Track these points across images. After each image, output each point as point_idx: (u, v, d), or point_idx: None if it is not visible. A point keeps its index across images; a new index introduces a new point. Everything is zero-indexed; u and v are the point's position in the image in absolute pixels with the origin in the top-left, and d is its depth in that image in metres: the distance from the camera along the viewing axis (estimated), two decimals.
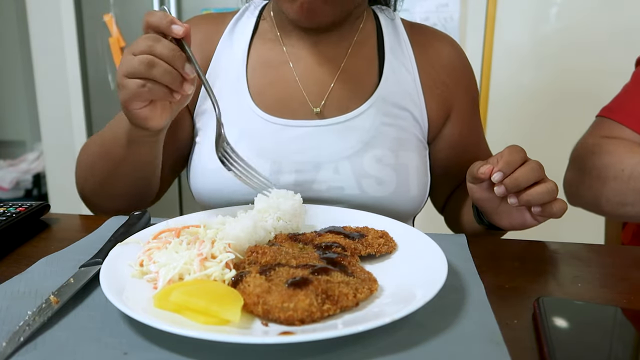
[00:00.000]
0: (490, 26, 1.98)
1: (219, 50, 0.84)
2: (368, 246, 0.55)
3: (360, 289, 0.45)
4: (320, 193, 0.76)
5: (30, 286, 0.52)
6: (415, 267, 0.52)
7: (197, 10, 2.26)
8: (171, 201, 2.47)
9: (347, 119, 0.77)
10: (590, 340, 0.42)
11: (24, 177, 3.08)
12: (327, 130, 0.77)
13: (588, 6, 1.89)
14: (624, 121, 0.84)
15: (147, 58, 0.58)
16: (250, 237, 0.55)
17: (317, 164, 0.76)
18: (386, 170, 0.76)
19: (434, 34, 0.86)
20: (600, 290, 0.54)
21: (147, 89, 0.59)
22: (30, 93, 2.90)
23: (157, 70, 0.58)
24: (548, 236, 0.69)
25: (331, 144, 0.76)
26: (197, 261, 0.48)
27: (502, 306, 0.48)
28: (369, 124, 0.77)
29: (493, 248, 0.65)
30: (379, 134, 0.77)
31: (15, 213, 0.69)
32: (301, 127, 0.77)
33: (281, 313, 0.41)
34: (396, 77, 0.80)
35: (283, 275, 0.46)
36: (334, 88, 0.79)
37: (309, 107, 0.78)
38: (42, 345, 0.41)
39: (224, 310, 0.41)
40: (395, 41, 0.83)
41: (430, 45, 0.83)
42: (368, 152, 0.76)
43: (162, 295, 0.44)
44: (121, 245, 0.56)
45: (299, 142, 0.77)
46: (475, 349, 0.40)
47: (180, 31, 0.60)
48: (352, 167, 0.75)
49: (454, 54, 0.84)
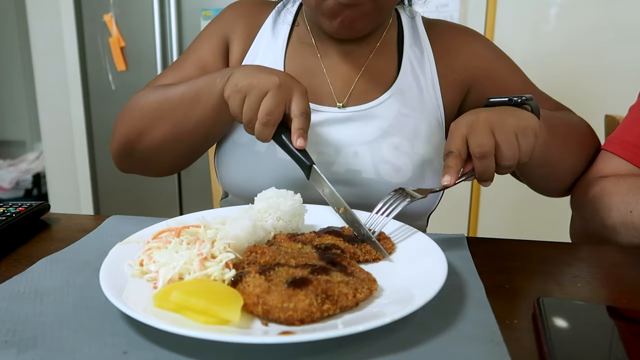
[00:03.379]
0: (490, 26, 1.98)
1: (261, 34, 0.86)
2: (367, 253, 0.55)
3: (360, 289, 0.45)
4: (338, 175, 0.79)
5: (30, 286, 0.52)
6: (415, 267, 0.52)
7: (196, 11, 2.27)
8: (171, 201, 2.47)
9: (367, 108, 0.81)
10: (590, 340, 0.42)
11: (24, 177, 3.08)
12: (349, 118, 0.81)
13: (588, 6, 1.89)
14: (621, 153, 0.79)
15: (266, 119, 0.62)
16: (249, 237, 0.55)
17: (337, 148, 0.79)
18: (403, 158, 0.78)
19: (449, 26, 0.89)
20: (600, 290, 0.54)
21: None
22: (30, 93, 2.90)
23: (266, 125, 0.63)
24: (548, 236, 0.69)
25: (352, 131, 0.80)
26: (197, 261, 0.49)
27: (502, 306, 0.48)
28: (388, 113, 0.80)
29: (493, 248, 0.65)
30: (397, 123, 0.80)
31: (15, 213, 0.69)
32: (326, 112, 0.81)
33: (281, 313, 0.41)
34: (414, 71, 0.83)
35: (282, 275, 0.46)
36: (357, 84, 0.83)
37: (333, 99, 0.82)
38: (42, 344, 0.41)
39: (224, 310, 0.41)
40: (415, 37, 0.86)
41: (446, 37, 0.86)
42: (386, 140, 0.79)
43: (162, 294, 0.44)
44: (121, 245, 0.56)
45: (323, 127, 0.80)
46: (475, 349, 0.40)
47: (302, 144, 0.63)
48: (371, 153, 0.79)
49: (467, 38, 0.87)
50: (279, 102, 0.62)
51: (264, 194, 0.63)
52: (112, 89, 2.44)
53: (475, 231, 2.15)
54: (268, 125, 0.62)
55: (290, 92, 0.63)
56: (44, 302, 0.48)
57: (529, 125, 0.61)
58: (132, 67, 2.40)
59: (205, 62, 0.85)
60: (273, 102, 0.61)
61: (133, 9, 2.33)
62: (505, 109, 0.64)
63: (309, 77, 0.82)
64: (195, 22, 2.28)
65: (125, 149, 0.80)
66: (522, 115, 0.62)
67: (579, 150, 0.81)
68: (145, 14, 2.31)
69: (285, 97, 0.62)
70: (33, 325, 0.44)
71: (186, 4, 2.28)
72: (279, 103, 0.62)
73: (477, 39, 0.88)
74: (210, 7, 2.24)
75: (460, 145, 0.60)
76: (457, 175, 0.59)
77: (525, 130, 0.61)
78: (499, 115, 0.62)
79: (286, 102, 0.63)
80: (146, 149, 0.78)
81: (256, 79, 0.63)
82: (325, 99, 0.82)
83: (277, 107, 0.62)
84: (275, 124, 0.62)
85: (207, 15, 2.25)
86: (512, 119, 0.61)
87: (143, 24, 2.33)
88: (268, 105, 0.61)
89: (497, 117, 0.61)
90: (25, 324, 0.44)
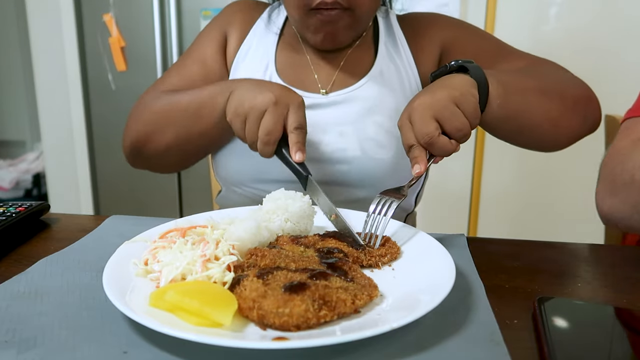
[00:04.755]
0: (490, 26, 1.98)
1: (257, 26, 0.92)
2: (370, 257, 0.54)
3: (360, 295, 0.44)
4: (326, 154, 0.82)
5: (30, 286, 0.52)
6: (420, 273, 0.51)
7: (196, 11, 2.27)
8: (171, 201, 2.47)
9: (350, 91, 0.85)
10: (590, 340, 0.42)
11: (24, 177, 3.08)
12: (333, 101, 0.85)
13: (588, 6, 1.89)
14: None
15: (266, 139, 0.65)
16: (253, 238, 0.54)
17: (323, 128, 0.83)
18: (386, 135, 0.83)
19: (417, 14, 0.95)
20: (600, 290, 0.54)
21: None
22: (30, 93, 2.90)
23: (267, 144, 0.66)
24: (548, 236, 0.68)
25: (336, 112, 0.84)
26: (200, 262, 0.48)
27: (502, 306, 0.48)
28: (369, 94, 0.85)
29: (493, 248, 0.65)
30: (379, 102, 0.84)
31: (15, 213, 0.69)
32: (312, 97, 0.85)
33: (276, 318, 0.40)
34: (390, 54, 0.89)
35: (281, 279, 0.45)
36: (339, 73, 0.88)
37: (318, 88, 0.87)
38: (42, 344, 0.41)
39: (216, 312, 0.40)
40: (389, 30, 0.91)
41: (415, 21, 0.92)
42: (370, 118, 0.83)
43: (157, 294, 0.44)
44: (128, 243, 0.56)
45: (309, 110, 0.81)
46: (475, 349, 0.40)
47: (301, 158, 0.65)
48: (356, 132, 0.83)
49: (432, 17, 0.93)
50: (276, 120, 0.65)
51: (272, 195, 0.63)
52: (112, 89, 2.44)
53: (475, 231, 2.15)
54: (269, 144, 0.65)
55: (286, 107, 0.66)
56: (44, 302, 0.48)
57: (463, 90, 0.62)
58: (132, 67, 2.40)
59: (204, 58, 0.90)
60: (271, 121, 0.64)
61: (133, 9, 2.33)
62: (436, 83, 0.66)
63: (296, 68, 0.88)
64: (195, 22, 2.28)
65: (134, 149, 0.85)
66: (452, 84, 0.64)
67: (550, 99, 0.78)
68: (145, 14, 2.31)
69: (282, 113, 0.65)
70: (33, 325, 0.44)
71: (186, 4, 2.28)
72: (277, 121, 0.65)
73: (442, 17, 0.93)
74: (210, 7, 2.24)
75: (414, 137, 0.62)
76: (426, 162, 0.60)
77: (462, 96, 0.62)
78: (431, 94, 0.63)
79: (284, 117, 0.66)
80: (153, 152, 0.82)
81: (254, 100, 0.66)
82: (310, 87, 0.87)
83: (275, 125, 0.65)
84: (276, 141, 0.65)
85: (207, 15, 2.25)
86: (443, 91, 0.62)
87: (143, 24, 2.33)
88: (267, 126, 0.65)
89: (430, 96, 0.62)
90: (25, 324, 0.44)
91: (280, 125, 0.65)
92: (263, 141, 0.65)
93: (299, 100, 0.67)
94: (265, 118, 0.65)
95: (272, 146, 0.65)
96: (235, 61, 0.90)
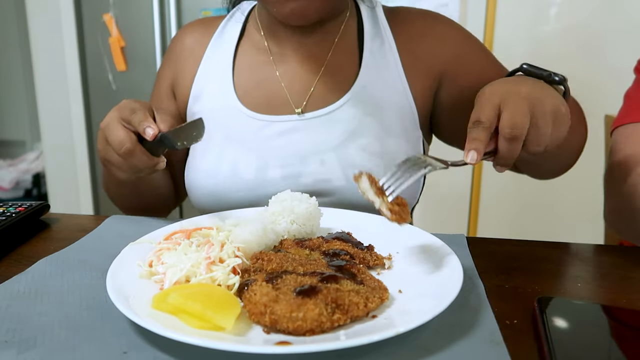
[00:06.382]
0: (490, 26, 1.98)
1: (208, 53, 0.85)
2: (377, 258, 0.54)
3: (371, 298, 0.43)
4: (308, 186, 0.76)
5: (30, 286, 0.52)
6: (427, 275, 0.50)
7: (196, 11, 2.27)
8: None
9: (329, 111, 0.77)
10: (590, 340, 0.42)
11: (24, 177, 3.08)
12: (310, 124, 0.77)
13: (587, 6, 1.89)
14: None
15: (123, 150, 0.61)
16: (259, 240, 0.54)
17: (302, 157, 0.76)
18: (372, 159, 0.75)
19: (408, 11, 0.84)
20: (600, 290, 0.54)
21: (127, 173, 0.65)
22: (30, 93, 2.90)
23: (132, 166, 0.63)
24: (548, 236, 0.68)
25: (315, 137, 0.76)
26: (204, 264, 0.48)
27: (502, 306, 0.48)
28: (352, 114, 0.76)
29: (493, 248, 0.65)
30: (363, 122, 0.76)
31: (15, 213, 0.69)
32: (285, 122, 0.78)
33: (290, 323, 0.39)
34: (377, 64, 0.79)
35: (290, 283, 0.44)
36: (317, 85, 0.79)
37: (291, 107, 0.79)
38: (42, 344, 0.41)
39: (219, 316, 0.40)
40: (375, 28, 0.81)
41: (407, 23, 0.82)
42: (353, 142, 0.75)
43: (160, 296, 0.44)
44: (133, 245, 0.55)
45: (284, 137, 0.77)
46: (475, 349, 0.40)
47: (150, 135, 0.60)
48: (338, 158, 0.75)
49: (428, 21, 0.82)
50: (116, 131, 0.61)
51: (278, 197, 0.62)
52: (113, 89, 2.44)
53: (475, 231, 2.15)
54: (129, 153, 0.61)
55: (115, 115, 0.62)
56: (44, 302, 0.48)
57: (564, 110, 0.54)
58: (132, 67, 2.40)
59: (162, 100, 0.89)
60: (114, 135, 0.61)
61: (133, 9, 2.33)
62: (544, 86, 0.55)
63: (262, 88, 0.80)
64: None
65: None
66: (558, 97, 0.54)
67: (583, 130, 0.75)
68: (145, 14, 2.31)
69: (116, 122, 0.62)
70: (33, 325, 0.44)
71: (186, 4, 2.28)
72: (117, 130, 0.61)
73: (440, 22, 0.82)
74: (210, 7, 2.24)
75: (492, 115, 0.51)
76: (483, 152, 0.50)
77: (563, 116, 0.53)
78: (541, 92, 0.53)
79: (122, 123, 0.62)
80: (127, 210, 0.87)
81: (98, 140, 0.66)
82: (282, 108, 0.79)
83: (118, 133, 0.61)
84: (134, 146, 0.61)
85: (206, 15, 2.25)
86: (550, 99, 0.53)
87: (143, 24, 2.33)
88: (113, 139, 0.61)
89: (539, 95, 0.53)
90: (25, 324, 0.44)
91: (122, 131, 0.61)
92: (124, 155, 0.61)
93: (121, 103, 0.64)
94: (109, 137, 0.62)
95: (136, 152, 0.61)
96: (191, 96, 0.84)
